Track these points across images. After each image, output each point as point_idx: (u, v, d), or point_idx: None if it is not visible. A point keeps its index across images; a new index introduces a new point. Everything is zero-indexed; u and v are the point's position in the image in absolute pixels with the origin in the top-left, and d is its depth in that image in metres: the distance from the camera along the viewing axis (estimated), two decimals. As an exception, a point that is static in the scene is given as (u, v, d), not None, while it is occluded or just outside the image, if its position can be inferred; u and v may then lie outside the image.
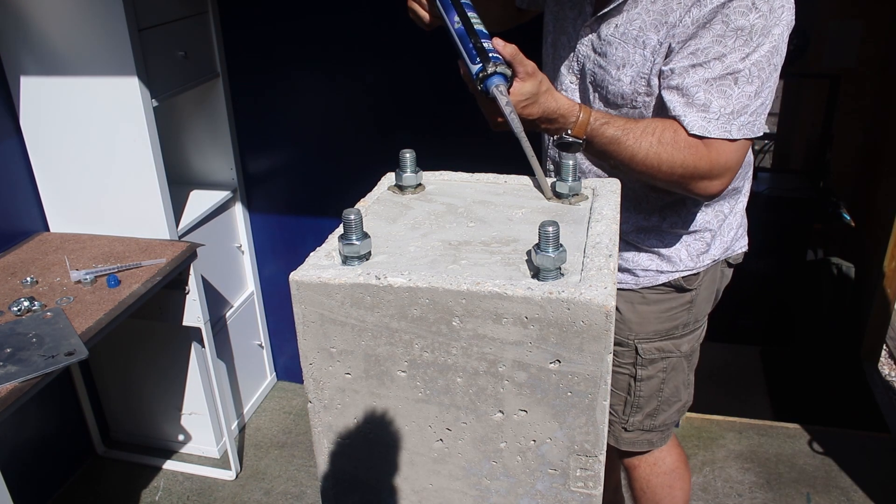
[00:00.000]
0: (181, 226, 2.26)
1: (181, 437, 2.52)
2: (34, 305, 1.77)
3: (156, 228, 2.17)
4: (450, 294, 0.80)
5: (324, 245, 0.93)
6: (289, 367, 2.95)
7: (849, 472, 2.40)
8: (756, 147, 4.09)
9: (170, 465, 2.50)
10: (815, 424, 2.63)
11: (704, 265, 1.44)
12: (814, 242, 3.51)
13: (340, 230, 0.87)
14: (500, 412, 0.85)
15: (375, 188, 1.11)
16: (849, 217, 3.42)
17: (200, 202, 2.44)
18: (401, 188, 1.08)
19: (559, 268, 0.81)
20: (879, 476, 2.38)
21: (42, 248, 2.10)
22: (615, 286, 0.80)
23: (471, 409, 0.86)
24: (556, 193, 1.04)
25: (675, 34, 1.17)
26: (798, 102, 3.96)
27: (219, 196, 2.49)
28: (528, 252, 0.86)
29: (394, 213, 1.01)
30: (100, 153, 2.10)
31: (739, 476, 2.41)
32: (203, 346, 2.23)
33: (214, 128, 2.47)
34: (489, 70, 1.08)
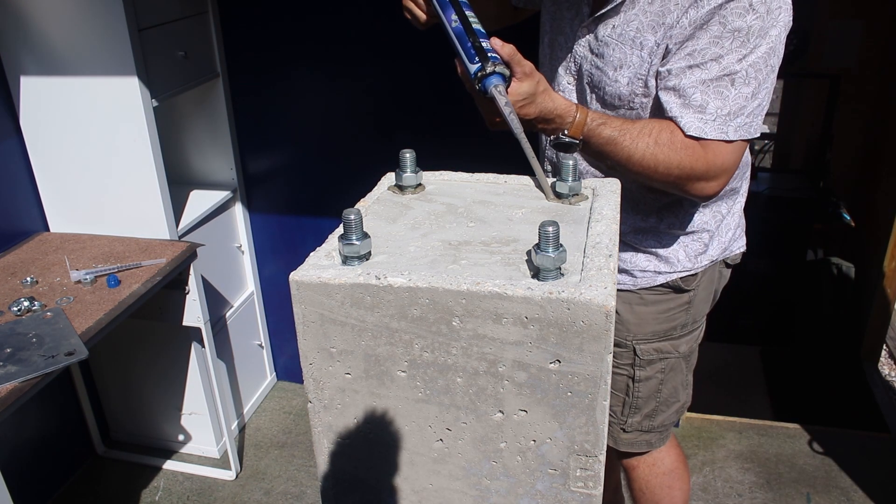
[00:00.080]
0: (181, 226, 2.27)
1: (181, 437, 2.53)
2: (34, 305, 1.77)
3: (156, 228, 2.17)
4: (450, 294, 0.80)
5: (324, 245, 0.93)
6: (289, 367, 2.95)
7: (849, 472, 2.40)
8: (756, 147, 4.09)
9: (170, 465, 2.50)
10: (815, 424, 2.63)
11: (702, 266, 1.44)
12: (814, 242, 3.51)
13: (340, 230, 0.88)
14: (500, 412, 0.85)
15: (375, 188, 1.11)
16: (849, 217, 3.42)
17: (200, 202, 2.44)
18: (401, 188, 1.08)
19: (559, 268, 0.81)
20: (879, 476, 2.38)
21: (42, 248, 2.10)
22: (615, 286, 0.80)
23: (471, 409, 0.86)
24: (556, 193, 1.04)
25: (673, 35, 1.17)
26: (798, 102, 3.95)
27: (219, 196, 2.49)
28: (528, 252, 0.86)
29: (394, 213, 1.01)
30: (100, 153, 2.10)
31: (739, 476, 2.41)
32: (203, 346, 2.23)
33: (214, 128, 2.47)
34: (488, 69, 1.07)
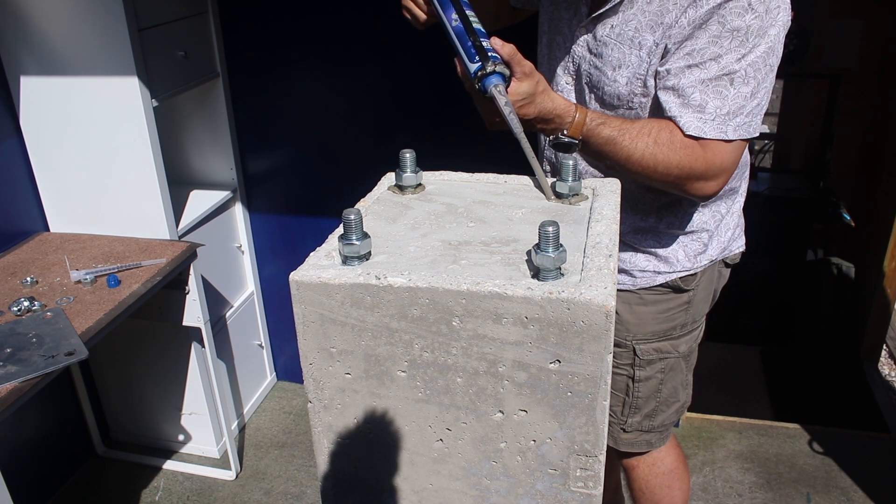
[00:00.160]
0: (181, 226, 2.27)
1: (181, 437, 2.53)
2: (34, 305, 1.77)
3: (156, 228, 2.17)
4: (450, 294, 0.80)
5: (324, 245, 0.93)
6: (289, 367, 2.95)
7: (849, 472, 2.40)
8: (756, 147, 4.09)
9: (170, 465, 2.50)
10: (815, 424, 2.63)
11: (702, 266, 1.43)
12: (814, 242, 3.52)
13: (340, 230, 0.88)
14: (500, 412, 0.85)
15: (375, 188, 1.11)
16: (849, 217, 3.42)
17: (200, 202, 2.44)
18: (401, 188, 1.08)
19: (559, 268, 0.81)
20: (879, 476, 2.38)
21: (42, 248, 2.10)
22: (615, 286, 0.80)
23: (471, 409, 0.86)
24: (556, 193, 1.04)
25: (671, 35, 1.17)
26: (798, 102, 3.96)
27: (219, 196, 2.49)
28: (528, 252, 0.86)
29: (394, 213, 1.01)
30: (100, 153, 2.10)
31: (739, 476, 2.41)
32: (203, 346, 2.23)
33: (214, 128, 2.47)
34: (488, 69, 1.07)
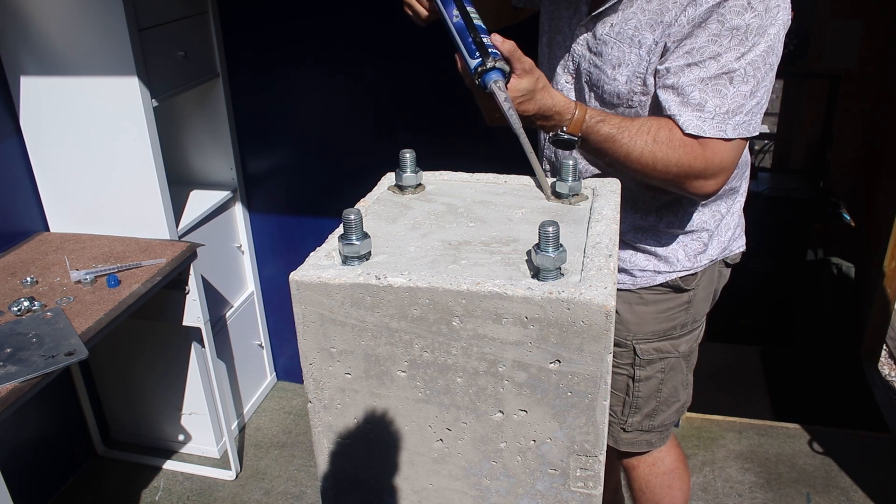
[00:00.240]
0: (181, 226, 2.26)
1: (181, 437, 2.52)
2: (34, 305, 1.77)
3: (156, 228, 2.17)
4: (450, 294, 0.80)
5: (324, 245, 0.93)
6: (289, 367, 2.95)
7: (849, 472, 2.40)
8: (756, 147, 4.09)
9: (170, 465, 2.50)
10: (815, 424, 2.63)
11: (702, 265, 1.43)
12: (814, 242, 3.51)
13: (340, 230, 0.88)
14: (500, 412, 0.85)
15: (375, 188, 1.11)
16: (849, 217, 3.42)
17: (200, 202, 2.44)
18: (401, 188, 1.08)
19: (559, 268, 0.81)
20: (879, 476, 2.38)
21: (42, 248, 2.10)
22: (615, 286, 0.80)
23: (471, 409, 0.86)
24: (556, 193, 1.04)
25: (671, 33, 1.17)
26: (798, 102, 3.95)
27: (219, 196, 2.49)
28: (528, 252, 0.86)
29: (394, 213, 1.01)
30: (100, 153, 2.10)
31: (739, 476, 2.41)
32: (203, 346, 2.23)
33: (214, 128, 2.47)
34: (488, 65, 1.08)
